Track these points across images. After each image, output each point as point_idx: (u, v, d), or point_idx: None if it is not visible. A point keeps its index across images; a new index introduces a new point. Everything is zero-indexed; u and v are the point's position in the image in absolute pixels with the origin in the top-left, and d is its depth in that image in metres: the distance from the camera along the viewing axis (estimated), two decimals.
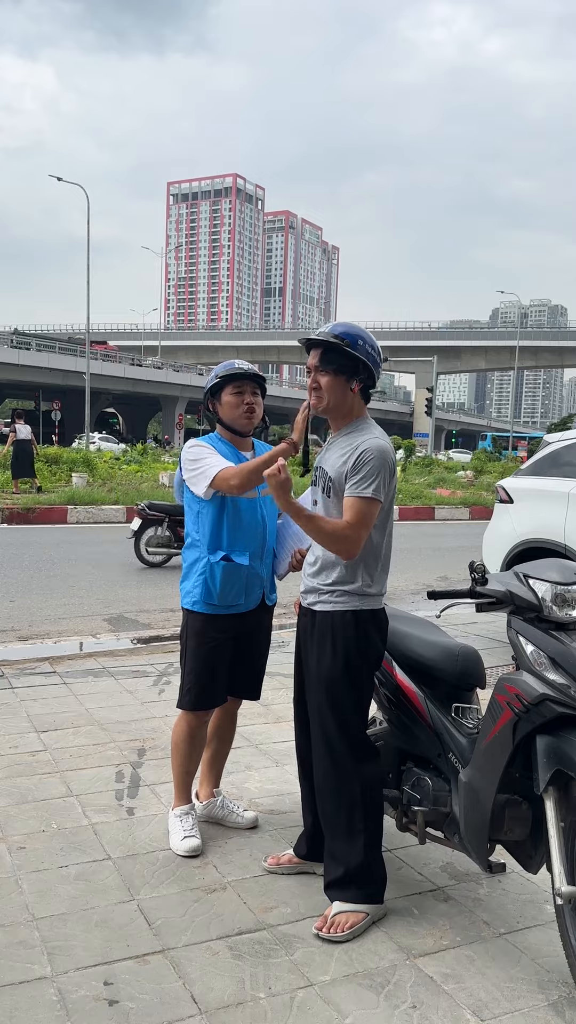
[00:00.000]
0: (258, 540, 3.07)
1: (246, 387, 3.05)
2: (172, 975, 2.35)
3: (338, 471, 2.62)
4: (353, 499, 2.56)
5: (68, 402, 52.94)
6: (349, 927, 2.56)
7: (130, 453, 31.63)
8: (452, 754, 2.66)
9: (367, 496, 2.55)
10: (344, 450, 2.64)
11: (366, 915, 2.61)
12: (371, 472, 2.56)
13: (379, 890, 2.67)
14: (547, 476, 6.47)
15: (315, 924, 2.60)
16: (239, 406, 3.04)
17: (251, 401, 3.05)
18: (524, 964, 2.47)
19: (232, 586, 3.01)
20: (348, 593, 2.64)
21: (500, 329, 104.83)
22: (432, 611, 3.10)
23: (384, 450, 2.59)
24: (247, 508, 3.04)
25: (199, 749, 3.17)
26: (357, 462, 2.57)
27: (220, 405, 3.07)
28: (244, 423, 3.07)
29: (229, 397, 3.04)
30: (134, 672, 5.40)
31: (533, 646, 2.37)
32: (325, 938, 2.54)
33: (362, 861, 2.64)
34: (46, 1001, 2.22)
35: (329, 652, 2.64)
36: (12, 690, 4.92)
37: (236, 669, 3.15)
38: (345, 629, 2.63)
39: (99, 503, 15.42)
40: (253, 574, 3.06)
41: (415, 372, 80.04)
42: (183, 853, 3.02)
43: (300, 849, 2.95)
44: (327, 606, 2.67)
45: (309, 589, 2.74)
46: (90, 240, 37.13)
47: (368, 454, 2.57)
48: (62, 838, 3.13)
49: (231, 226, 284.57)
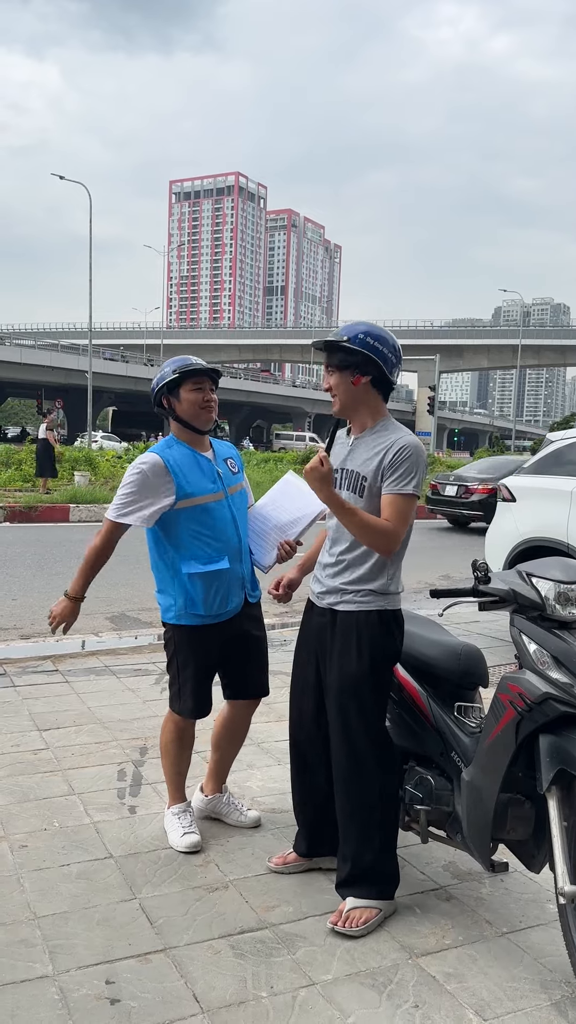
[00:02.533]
0: (233, 540, 3.02)
1: (205, 382, 3.00)
2: (174, 974, 2.34)
3: (372, 470, 2.61)
4: (394, 496, 2.58)
5: (70, 401, 52.98)
6: (364, 922, 2.58)
7: (132, 452, 31.64)
8: (455, 753, 2.65)
9: (407, 493, 2.57)
10: (375, 449, 2.64)
11: (379, 911, 2.63)
12: (409, 469, 2.58)
13: (392, 887, 2.69)
14: (550, 475, 6.45)
15: (330, 919, 2.61)
16: (199, 402, 2.98)
17: (210, 398, 3.01)
18: (527, 964, 2.46)
19: (216, 594, 2.97)
20: (374, 592, 2.64)
21: (502, 328, 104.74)
22: (434, 610, 3.09)
23: (419, 447, 2.62)
24: (215, 508, 2.99)
25: (188, 749, 3.16)
26: (395, 459, 2.58)
27: (178, 402, 2.99)
28: (205, 419, 3.01)
29: (188, 394, 2.97)
30: (136, 670, 5.39)
31: (536, 645, 2.36)
32: (340, 932, 2.56)
33: (377, 858, 2.65)
34: (48, 1000, 2.22)
35: (355, 652, 2.62)
36: (14, 688, 4.92)
37: (240, 670, 3.13)
38: (371, 629, 2.63)
39: (101, 502, 15.41)
40: (234, 576, 3.02)
41: (417, 371, 79.76)
42: (183, 849, 3.01)
43: (300, 847, 2.94)
44: (351, 606, 2.65)
45: (330, 590, 2.71)
46: (92, 239, 37.13)
47: (405, 451, 2.58)
48: (64, 836, 3.13)
49: (233, 224, 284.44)
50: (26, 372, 53.79)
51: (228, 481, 3.06)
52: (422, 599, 8.42)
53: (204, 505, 2.97)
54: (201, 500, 2.97)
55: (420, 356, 71.64)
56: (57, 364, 54.72)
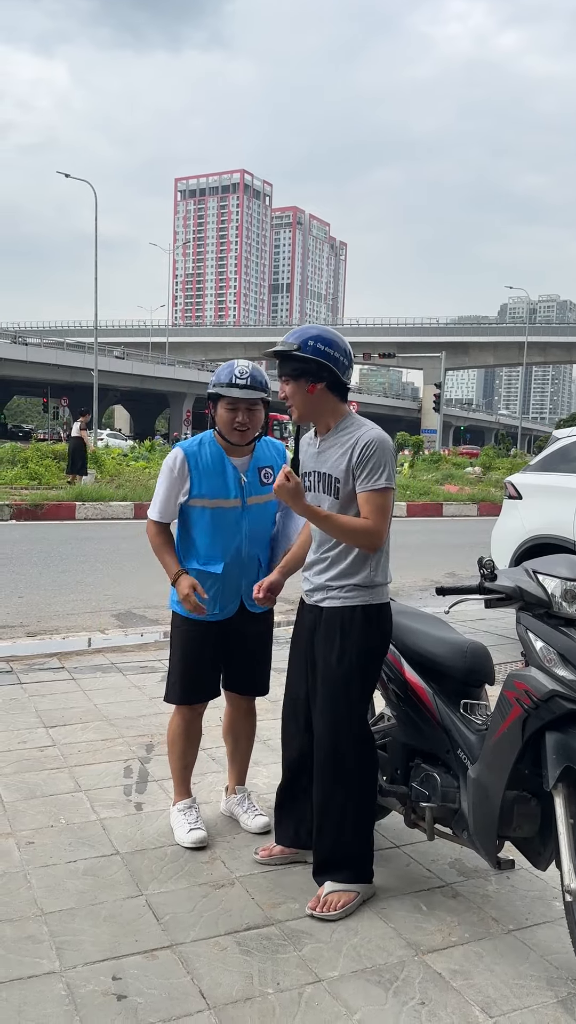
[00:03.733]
0: (233, 549, 3.02)
1: (240, 405, 2.94)
2: (180, 970, 2.35)
3: (343, 470, 2.64)
4: (369, 493, 2.60)
5: (76, 399, 53.04)
6: (342, 906, 2.63)
7: (138, 450, 31.65)
8: (461, 750, 2.65)
9: (381, 487, 2.60)
10: (342, 449, 2.66)
11: (357, 894, 2.68)
12: (378, 463, 2.61)
13: (369, 870, 2.74)
14: (556, 472, 6.44)
15: (308, 904, 2.65)
16: (231, 423, 2.96)
17: (243, 420, 2.95)
18: (533, 961, 2.46)
19: (209, 595, 3.00)
20: (358, 587, 2.68)
21: (508, 325, 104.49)
22: (440, 607, 3.09)
23: (382, 438, 2.64)
24: (226, 515, 3.00)
25: (194, 743, 3.18)
26: (362, 457, 2.60)
27: (216, 414, 3.00)
28: (236, 439, 2.99)
29: (223, 412, 2.96)
30: (142, 668, 5.40)
31: (543, 642, 2.36)
32: (319, 917, 2.59)
33: (353, 843, 2.70)
34: (55, 996, 2.22)
35: (339, 647, 2.67)
36: (21, 685, 4.93)
37: (237, 665, 3.16)
38: (355, 624, 2.67)
39: (107, 500, 15.43)
40: (229, 584, 3.03)
41: (423, 368, 79.78)
42: (189, 844, 3.02)
43: (284, 839, 2.98)
44: (336, 602, 2.69)
45: (317, 587, 2.76)
46: (98, 237, 37.12)
47: (370, 448, 2.61)
48: (70, 833, 3.14)
49: (239, 222, 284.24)
50: (32, 370, 53.88)
51: (251, 491, 3.04)
52: (428, 596, 8.41)
53: (215, 509, 2.99)
54: (212, 503, 2.99)
55: (426, 354, 71.23)
56: (63, 362, 54.80)
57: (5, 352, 52.02)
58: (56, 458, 20.51)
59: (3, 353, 51.76)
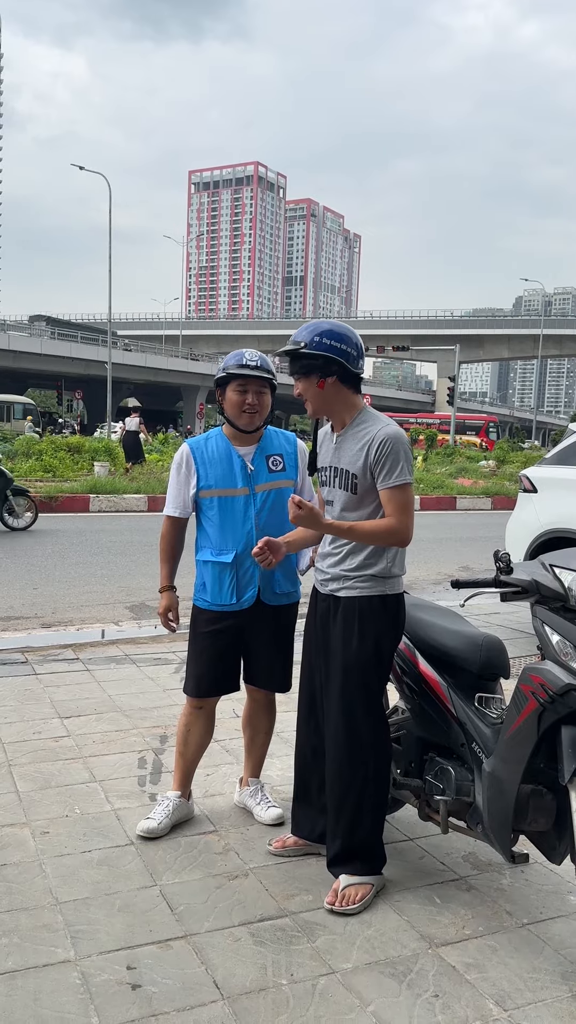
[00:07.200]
0: (244, 537, 3.02)
1: (250, 386, 2.97)
2: (195, 960, 2.36)
3: (360, 467, 2.66)
4: (390, 491, 2.64)
5: (89, 391, 53.19)
6: (360, 899, 2.64)
7: (151, 443, 31.68)
8: (476, 744, 2.64)
9: (400, 483, 2.63)
10: (359, 444, 2.68)
11: (372, 887, 2.70)
12: (396, 461, 2.63)
13: (381, 862, 2.76)
14: (572, 465, 6.40)
15: (326, 900, 2.65)
16: (240, 405, 2.98)
17: (253, 402, 2.97)
18: (547, 955, 2.46)
19: (220, 584, 3.04)
20: (375, 577, 2.69)
21: (523, 317, 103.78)
22: (455, 601, 3.08)
23: (397, 434, 2.67)
24: (234, 503, 3.02)
25: (196, 736, 3.18)
26: (379, 456, 2.63)
27: (224, 400, 3.02)
28: (244, 422, 3.01)
29: (232, 394, 2.98)
30: (155, 660, 5.42)
31: (559, 636, 2.35)
32: (339, 911, 2.60)
33: (368, 836, 2.72)
34: (70, 984, 2.24)
35: (357, 637, 2.67)
36: (36, 676, 4.96)
37: (256, 658, 3.15)
38: (374, 614, 2.68)
39: (121, 492, 15.48)
40: (243, 573, 3.04)
41: (437, 361, 79.49)
42: (138, 832, 3.06)
43: (301, 830, 2.98)
44: (353, 592, 2.70)
45: (333, 577, 2.76)
46: (112, 229, 37.14)
47: (386, 445, 2.63)
48: (85, 823, 3.16)
49: (252, 214, 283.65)
50: (46, 363, 54.03)
51: (259, 479, 3.05)
52: (441, 590, 8.39)
53: (223, 498, 3.02)
54: (219, 493, 3.02)
55: (440, 346, 70.87)
56: (77, 355, 54.93)
57: (20, 344, 52.20)
58: (70, 451, 20.60)
59: (18, 346, 51.95)
